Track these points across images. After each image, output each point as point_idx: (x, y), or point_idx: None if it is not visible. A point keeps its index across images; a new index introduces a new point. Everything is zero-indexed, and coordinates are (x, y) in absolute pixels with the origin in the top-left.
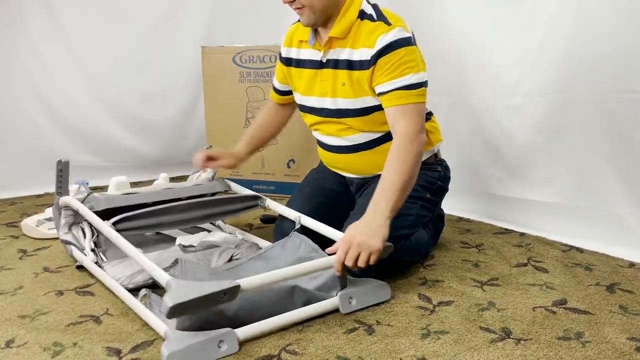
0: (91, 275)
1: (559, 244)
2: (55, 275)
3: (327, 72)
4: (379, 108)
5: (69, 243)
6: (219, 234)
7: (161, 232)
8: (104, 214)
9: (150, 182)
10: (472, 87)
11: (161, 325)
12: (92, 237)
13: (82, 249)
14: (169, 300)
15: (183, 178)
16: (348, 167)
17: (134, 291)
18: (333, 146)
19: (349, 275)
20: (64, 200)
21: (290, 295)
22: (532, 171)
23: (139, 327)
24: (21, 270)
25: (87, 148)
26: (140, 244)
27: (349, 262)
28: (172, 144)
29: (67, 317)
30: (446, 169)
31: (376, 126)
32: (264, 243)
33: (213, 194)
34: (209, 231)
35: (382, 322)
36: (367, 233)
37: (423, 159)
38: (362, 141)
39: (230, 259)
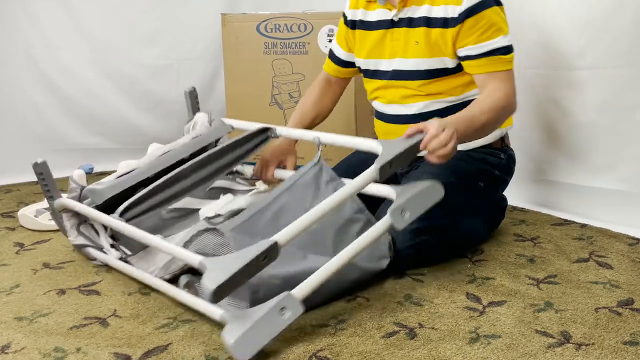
0: (96, 272)
1: (625, 236)
2: (56, 272)
3: (399, 31)
4: (453, 71)
5: (85, 246)
6: (243, 197)
7: (178, 206)
8: (105, 204)
9: None
10: (527, 59)
11: (216, 311)
12: (107, 231)
13: (100, 248)
14: (209, 283)
15: None
16: None
17: (171, 281)
18: (393, 116)
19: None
20: (59, 203)
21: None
22: (595, 155)
23: (150, 331)
24: (18, 267)
25: (92, 128)
26: (160, 228)
27: (436, 144)
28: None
29: (69, 319)
30: (510, 158)
31: (445, 92)
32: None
33: (216, 142)
34: (233, 191)
35: (425, 324)
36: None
37: (488, 141)
38: (427, 110)
39: None
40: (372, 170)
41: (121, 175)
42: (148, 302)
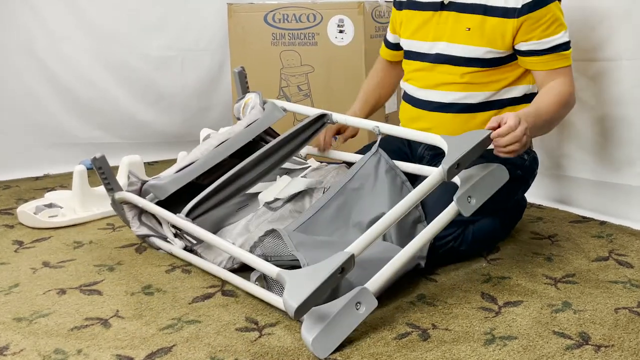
0: (98, 271)
1: None
2: (57, 271)
3: (447, 14)
4: (500, 62)
5: (148, 236)
6: (301, 180)
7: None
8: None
9: (168, 161)
10: None
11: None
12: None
13: (164, 238)
14: (292, 301)
15: None
16: (433, 128)
17: (238, 272)
18: (424, 101)
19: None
20: (120, 197)
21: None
22: (614, 149)
23: (154, 332)
24: (17, 265)
25: (94, 122)
26: (224, 217)
27: (511, 139)
28: (193, 117)
29: (70, 319)
30: (534, 160)
31: (486, 85)
32: (352, 157)
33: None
34: (289, 171)
35: (438, 325)
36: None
37: None
38: (463, 101)
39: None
40: (438, 172)
41: (181, 169)
42: (151, 302)
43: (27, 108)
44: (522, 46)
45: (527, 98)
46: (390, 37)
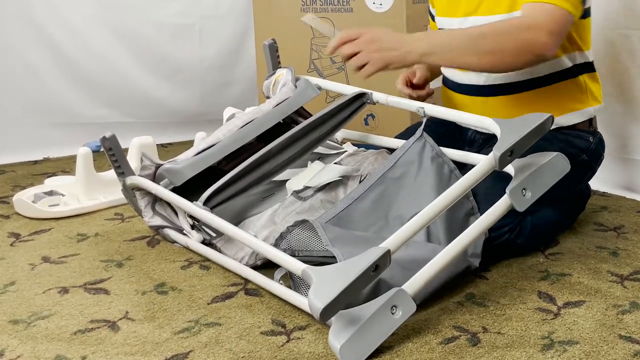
0: (105, 267)
1: None
2: (58, 267)
3: None
4: None
5: (162, 227)
6: (334, 168)
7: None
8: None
9: (184, 144)
10: (607, 18)
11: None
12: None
13: (180, 230)
14: (318, 302)
15: None
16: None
17: (262, 269)
18: (466, 85)
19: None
20: (131, 182)
21: None
22: None
23: (168, 336)
24: (13, 261)
25: (101, 99)
26: (247, 207)
27: (353, 49)
28: (212, 93)
29: (73, 322)
30: (600, 143)
31: None
32: (392, 142)
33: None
34: (322, 157)
35: (490, 329)
36: (388, 41)
37: (573, 121)
38: (503, 82)
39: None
40: (489, 160)
41: (200, 152)
42: (165, 303)
43: (24, 83)
44: None
45: (578, 69)
46: (432, 10)
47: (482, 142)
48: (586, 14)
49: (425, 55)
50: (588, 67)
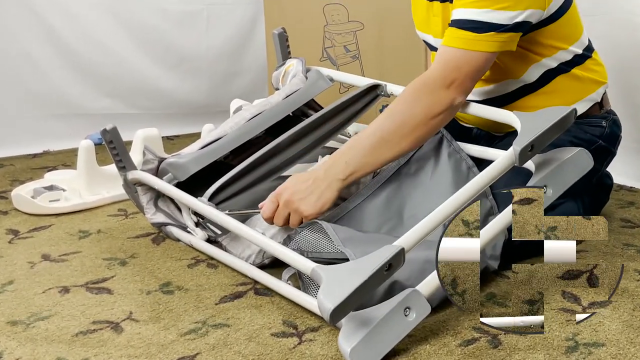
0: (108, 266)
1: None
2: (59, 266)
3: (437, 6)
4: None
5: (165, 225)
6: None
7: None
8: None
9: (190, 136)
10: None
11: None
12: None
13: (184, 227)
14: (327, 302)
15: None
16: (474, 120)
17: (269, 268)
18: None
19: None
20: (133, 176)
21: None
22: None
23: (174, 338)
24: (11, 259)
25: (104, 89)
26: (254, 202)
27: (278, 222)
28: (220, 83)
29: (74, 323)
30: (614, 124)
31: (502, 75)
32: None
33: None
34: (332, 151)
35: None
36: (302, 191)
37: (581, 110)
38: (495, 95)
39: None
40: (509, 155)
41: (206, 145)
42: (171, 303)
43: (23, 72)
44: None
45: (568, 65)
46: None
47: (487, 139)
48: (562, 10)
49: (350, 176)
50: (579, 58)
